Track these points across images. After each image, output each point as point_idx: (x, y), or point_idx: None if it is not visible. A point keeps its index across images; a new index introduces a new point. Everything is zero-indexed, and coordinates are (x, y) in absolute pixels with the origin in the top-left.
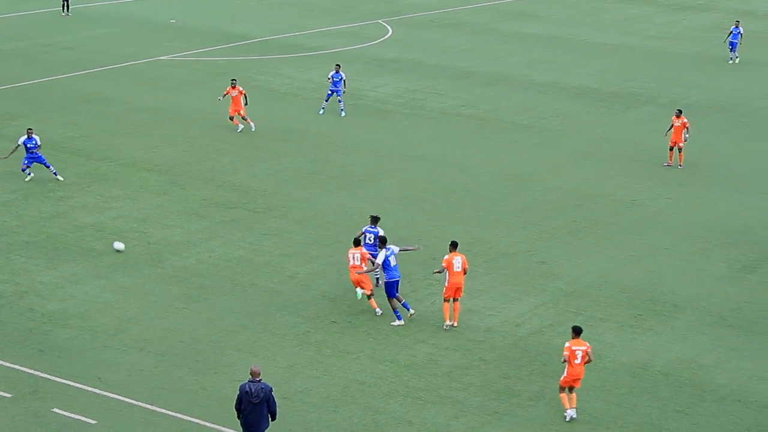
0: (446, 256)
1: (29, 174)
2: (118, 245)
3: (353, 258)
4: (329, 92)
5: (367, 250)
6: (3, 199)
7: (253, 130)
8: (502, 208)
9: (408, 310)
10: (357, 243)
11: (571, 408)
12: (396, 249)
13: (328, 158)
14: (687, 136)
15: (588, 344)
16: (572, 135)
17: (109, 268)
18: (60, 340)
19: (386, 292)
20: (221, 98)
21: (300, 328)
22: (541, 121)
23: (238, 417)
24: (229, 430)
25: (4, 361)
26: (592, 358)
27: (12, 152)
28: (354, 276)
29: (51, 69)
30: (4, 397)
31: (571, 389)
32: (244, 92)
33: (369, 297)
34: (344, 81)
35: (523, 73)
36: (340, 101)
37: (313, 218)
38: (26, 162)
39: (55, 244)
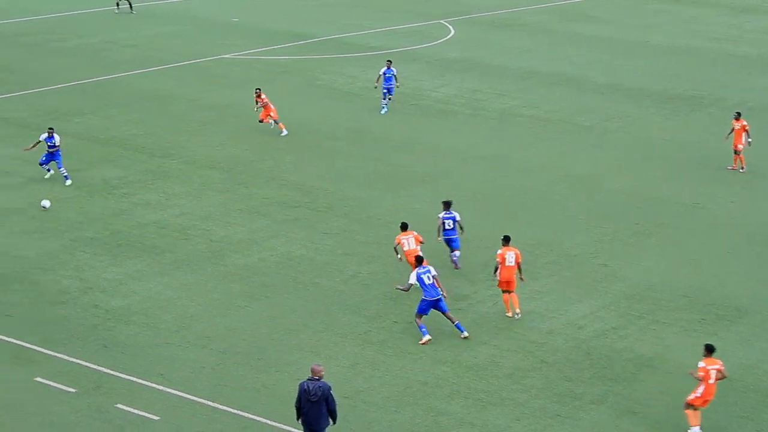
0: (499, 251)
1: (48, 170)
2: (45, 203)
3: (407, 243)
4: (384, 89)
5: (446, 236)
6: (67, 196)
7: (272, 126)
8: (563, 210)
9: (462, 331)
10: (405, 227)
11: (696, 426)
12: (433, 270)
13: (390, 158)
14: (749, 140)
15: (720, 362)
16: (634, 137)
17: (171, 266)
18: (123, 337)
19: (418, 309)
20: (256, 108)
21: (362, 327)
22: (602, 123)
23: (298, 416)
24: (290, 428)
25: (69, 356)
26: (725, 374)
27: (33, 146)
28: (411, 259)
29: (115, 66)
30: (69, 392)
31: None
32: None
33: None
34: (395, 77)
35: (585, 74)
36: (390, 98)
37: (375, 218)
38: (44, 159)
39: (119, 241)
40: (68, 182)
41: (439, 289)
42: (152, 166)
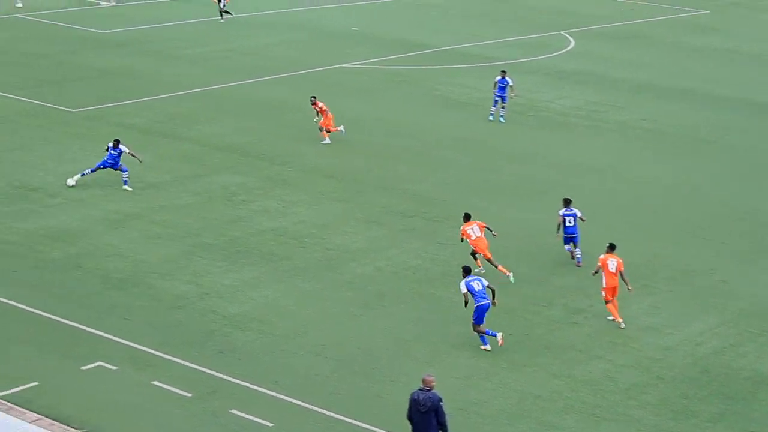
0: (602, 256)
1: (79, 175)
2: (70, 181)
3: (473, 231)
4: (495, 98)
5: (569, 233)
6: (186, 202)
7: (343, 132)
8: (682, 224)
9: (495, 336)
10: (468, 218)
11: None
12: (485, 281)
13: (507, 168)
14: None
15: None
16: (757, 152)
17: (288, 273)
18: (239, 343)
19: (474, 318)
20: (315, 119)
21: (476, 339)
22: (724, 137)
23: (412, 427)
24: None
25: (186, 361)
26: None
27: (136, 156)
28: (479, 245)
29: (234, 75)
30: (185, 396)
31: None
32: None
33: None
34: (510, 86)
35: (706, 87)
36: (503, 106)
37: (492, 228)
38: (102, 165)
39: (237, 248)
40: (126, 186)
41: (490, 296)
42: (271, 173)
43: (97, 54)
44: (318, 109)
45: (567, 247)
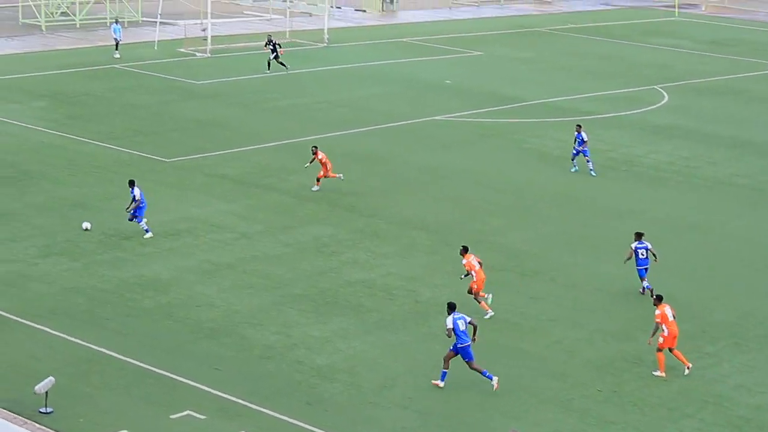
0: (657, 311)
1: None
2: (86, 225)
3: (476, 263)
4: (574, 152)
5: (641, 264)
6: (278, 252)
7: (341, 178)
8: None
9: (491, 379)
10: (466, 250)
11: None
12: (467, 318)
13: (599, 223)
14: None
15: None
16: None
17: (376, 325)
18: (327, 394)
19: (463, 357)
20: (307, 166)
21: (564, 394)
22: None
23: None
24: None
25: (274, 411)
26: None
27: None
28: (479, 277)
29: (326, 126)
30: None
31: None
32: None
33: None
34: (585, 141)
35: None
36: (588, 161)
37: (582, 284)
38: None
39: (326, 299)
40: (149, 234)
41: (471, 332)
42: (361, 225)
43: (192, 105)
44: (318, 159)
45: (645, 284)
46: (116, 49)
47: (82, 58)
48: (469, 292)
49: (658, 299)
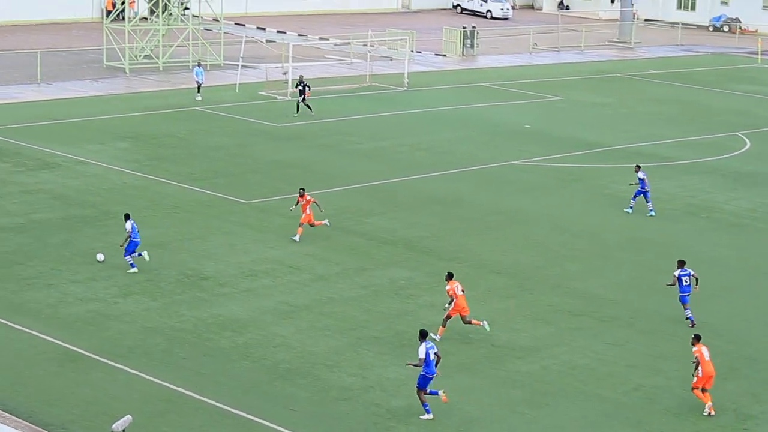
0: (694, 348)
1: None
2: (100, 257)
3: (458, 290)
4: (637, 192)
5: (685, 291)
6: (354, 294)
7: (328, 225)
8: None
9: (437, 394)
10: (451, 277)
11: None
12: (436, 348)
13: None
14: None
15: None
16: None
17: (453, 368)
18: None
19: (418, 384)
20: (293, 208)
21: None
22: None
23: None
24: None
25: None
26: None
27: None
28: (460, 304)
29: (406, 169)
30: None
31: None
32: (312, 200)
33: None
34: (644, 180)
35: None
36: (648, 202)
37: (660, 330)
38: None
39: (403, 341)
40: (133, 269)
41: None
42: (439, 268)
43: (272, 147)
44: (303, 203)
45: (687, 312)
46: (198, 91)
47: (164, 100)
48: (447, 318)
49: (697, 339)
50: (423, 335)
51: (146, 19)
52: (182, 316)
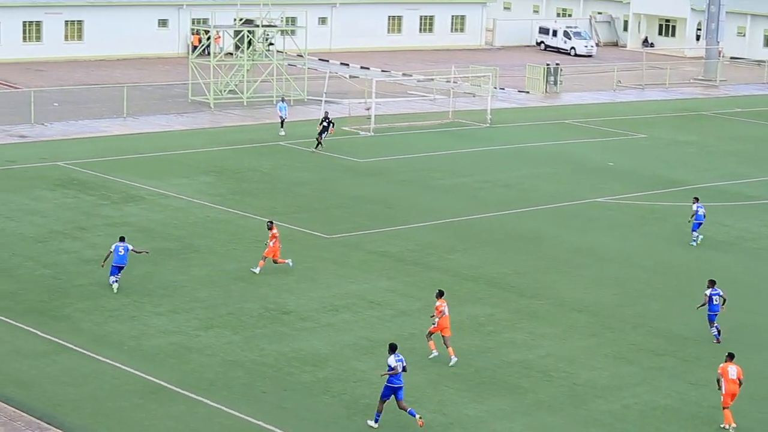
0: (722, 365)
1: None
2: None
3: (446, 309)
4: (694, 225)
5: (713, 310)
6: None
7: (290, 265)
8: None
9: (414, 416)
10: (442, 294)
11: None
12: (404, 360)
13: (761, 309)
14: None
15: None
16: None
17: (534, 406)
18: None
19: (382, 394)
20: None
21: None
22: None
23: None
24: None
25: None
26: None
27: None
28: (444, 323)
29: (488, 205)
30: None
31: None
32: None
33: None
34: (698, 213)
35: None
36: (695, 234)
37: (745, 370)
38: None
39: (483, 378)
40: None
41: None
42: (520, 305)
43: (354, 182)
44: (271, 236)
45: (713, 329)
46: (281, 126)
47: (248, 134)
48: (430, 334)
49: (730, 357)
50: (392, 348)
51: (231, 54)
52: (263, 349)
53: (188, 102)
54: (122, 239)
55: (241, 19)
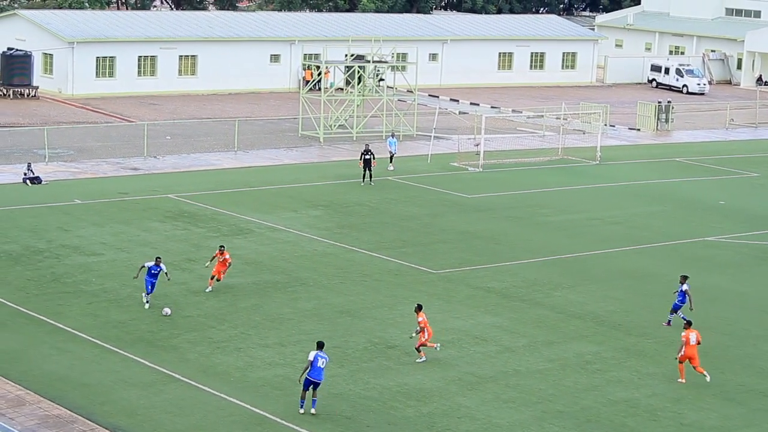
0: (684, 333)
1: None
2: (166, 310)
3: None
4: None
5: (682, 302)
6: (541, 367)
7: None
8: None
9: (311, 407)
10: (421, 308)
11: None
12: (327, 358)
13: None
14: None
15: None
16: None
17: None
18: None
19: (303, 384)
20: (208, 264)
21: None
22: None
23: None
24: None
25: None
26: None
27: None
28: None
29: (597, 243)
30: None
31: None
32: (230, 261)
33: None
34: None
35: None
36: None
37: None
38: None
39: (588, 416)
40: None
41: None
42: (627, 344)
43: (461, 218)
44: (221, 260)
45: (671, 317)
46: (390, 161)
47: (357, 169)
48: (418, 348)
49: (689, 324)
50: (320, 346)
51: (342, 89)
52: (368, 383)
53: (298, 136)
54: (158, 260)
55: (352, 55)
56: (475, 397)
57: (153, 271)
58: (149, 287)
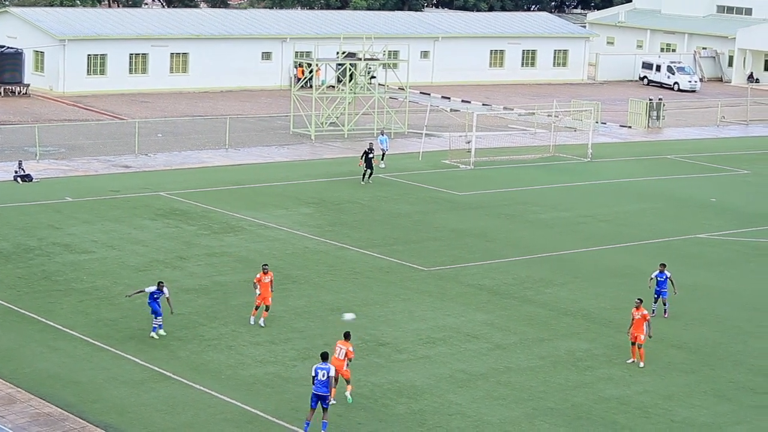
0: (634, 309)
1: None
2: (348, 316)
3: (339, 352)
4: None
5: (661, 287)
6: (532, 365)
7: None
8: None
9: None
10: (347, 337)
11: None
12: (333, 371)
13: None
14: None
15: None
16: None
17: None
18: None
19: (322, 405)
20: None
21: None
22: None
23: None
24: None
25: None
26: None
27: (135, 293)
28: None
29: (588, 240)
30: None
31: None
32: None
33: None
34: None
35: None
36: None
37: None
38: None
39: (579, 414)
40: (154, 334)
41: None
42: (619, 341)
43: (453, 215)
44: (267, 279)
45: (654, 306)
46: (382, 159)
47: (347, 167)
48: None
49: (640, 301)
50: (323, 357)
51: (333, 87)
52: (359, 381)
53: (290, 134)
54: (161, 285)
55: (343, 53)
56: (466, 394)
57: (155, 296)
58: (156, 307)
